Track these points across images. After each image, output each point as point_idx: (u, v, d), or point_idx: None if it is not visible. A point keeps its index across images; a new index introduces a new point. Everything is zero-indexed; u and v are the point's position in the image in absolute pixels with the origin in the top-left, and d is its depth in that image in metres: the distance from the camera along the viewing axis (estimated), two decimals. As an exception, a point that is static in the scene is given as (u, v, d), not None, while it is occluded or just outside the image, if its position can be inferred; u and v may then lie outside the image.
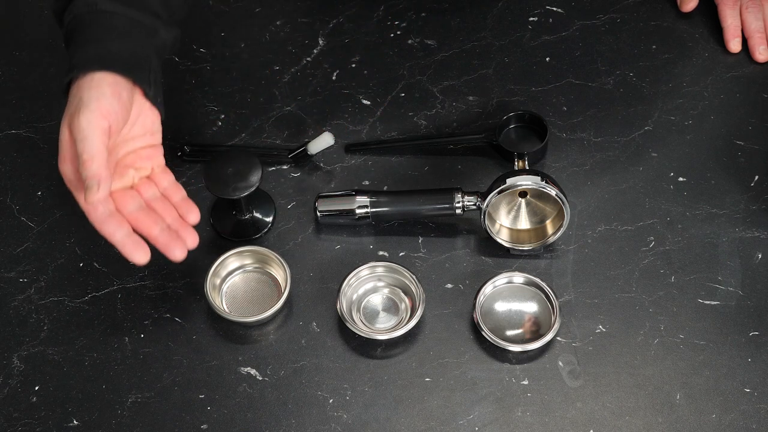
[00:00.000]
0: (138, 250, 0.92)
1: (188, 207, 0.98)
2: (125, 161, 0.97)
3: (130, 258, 0.92)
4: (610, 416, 0.99)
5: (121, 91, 0.93)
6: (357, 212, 1.07)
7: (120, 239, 0.92)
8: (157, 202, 0.98)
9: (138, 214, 0.95)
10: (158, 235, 0.95)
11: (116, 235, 0.92)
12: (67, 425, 0.99)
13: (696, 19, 1.23)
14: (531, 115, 1.13)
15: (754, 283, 1.05)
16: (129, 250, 0.92)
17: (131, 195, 0.96)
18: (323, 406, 0.99)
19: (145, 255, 0.92)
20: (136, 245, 0.92)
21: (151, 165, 0.99)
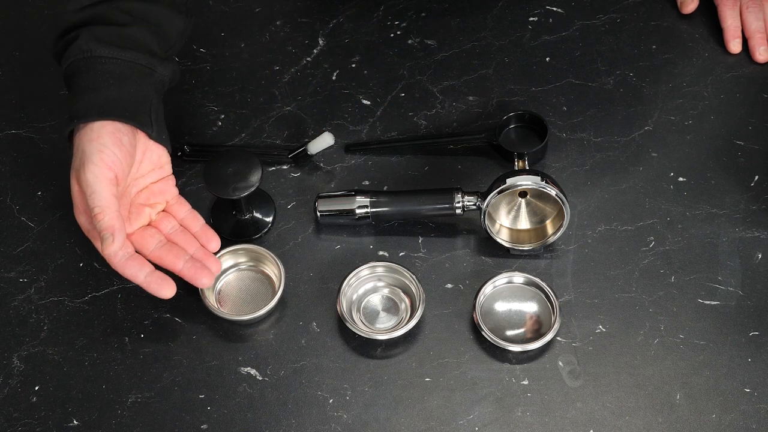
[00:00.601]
0: (163, 287, 0.95)
1: (208, 235, 1.01)
2: (139, 200, 0.99)
3: (158, 295, 0.95)
4: (610, 416, 0.99)
5: (122, 138, 0.94)
6: (357, 212, 1.07)
7: (144, 279, 0.95)
8: (177, 235, 1.00)
9: (160, 252, 0.98)
10: (183, 269, 0.98)
11: (139, 276, 0.95)
12: (67, 425, 0.99)
13: (696, 20, 1.23)
14: (531, 115, 1.13)
15: (754, 283, 1.05)
16: (154, 288, 0.95)
17: (150, 233, 0.98)
18: (323, 406, 0.99)
19: (171, 290, 0.95)
20: (160, 282, 0.95)
21: (165, 198, 1.01)
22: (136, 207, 0.99)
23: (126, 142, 0.95)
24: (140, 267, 0.95)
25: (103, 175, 0.92)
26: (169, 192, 1.01)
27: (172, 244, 0.99)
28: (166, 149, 1.00)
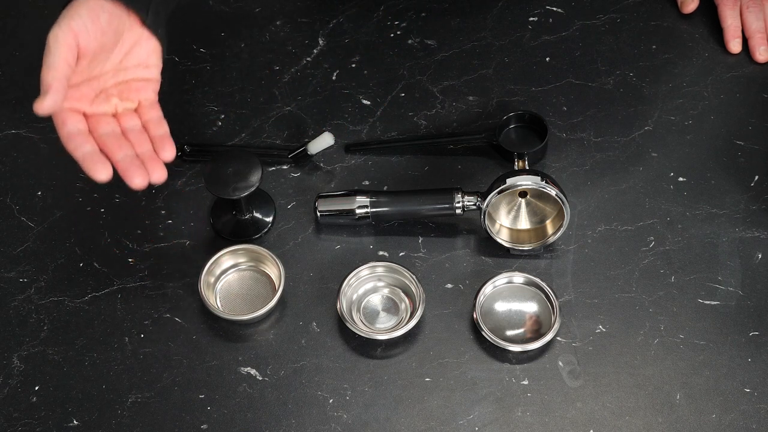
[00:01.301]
0: (99, 167, 0.89)
1: (165, 143, 0.96)
2: (112, 90, 0.96)
3: (91, 174, 0.90)
4: (610, 416, 0.99)
5: (101, 14, 0.91)
6: (357, 212, 1.07)
7: (82, 155, 0.90)
8: (133, 132, 0.95)
9: (107, 139, 0.93)
10: (120, 160, 0.92)
11: (79, 150, 0.90)
12: (67, 425, 0.99)
13: (696, 20, 1.23)
14: (531, 115, 1.13)
15: (754, 283, 1.05)
16: (89, 166, 0.90)
17: (107, 120, 0.94)
18: (323, 406, 0.99)
19: (106, 172, 0.89)
20: (97, 162, 0.90)
21: (139, 98, 0.97)
22: (106, 95, 0.95)
23: (104, 20, 0.92)
24: (84, 142, 0.91)
25: (64, 39, 0.89)
26: (146, 94, 0.97)
27: (121, 136, 0.94)
28: (159, 48, 0.97)
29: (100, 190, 1.11)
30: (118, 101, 0.96)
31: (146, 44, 0.96)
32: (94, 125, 0.93)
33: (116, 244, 1.08)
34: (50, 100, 0.88)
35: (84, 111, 0.93)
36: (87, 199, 1.11)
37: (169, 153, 0.95)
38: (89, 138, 0.91)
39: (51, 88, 0.88)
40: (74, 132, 0.91)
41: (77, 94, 0.93)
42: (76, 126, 0.91)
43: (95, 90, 0.94)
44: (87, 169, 0.90)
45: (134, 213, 1.10)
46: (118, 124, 0.95)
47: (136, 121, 0.96)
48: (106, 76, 0.95)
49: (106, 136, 0.93)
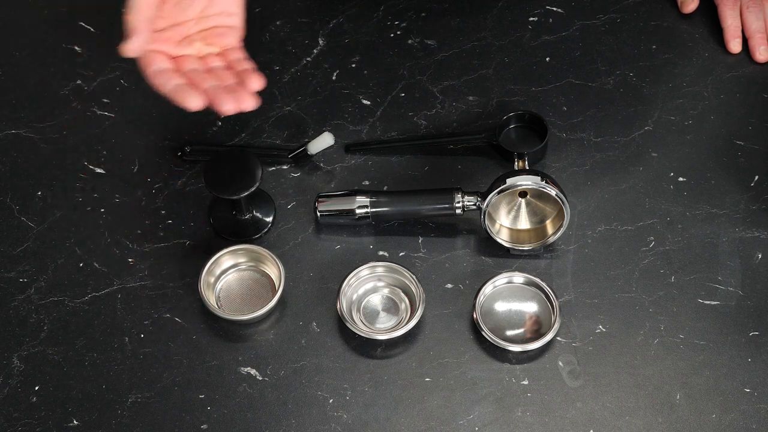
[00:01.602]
0: (190, 96, 0.92)
1: (251, 75, 0.96)
2: (195, 37, 0.98)
3: (183, 104, 0.92)
4: (610, 416, 0.99)
5: None
6: (357, 212, 1.07)
7: (171, 88, 0.92)
8: (218, 70, 0.97)
9: (193, 73, 0.95)
10: (207, 89, 0.93)
11: (168, 85, 0.93)
12: (67, 425, 0.99)
13: (696, 20, 1.23)
14: (531, 115, 1.13)
15: (754, 283, 1.05)
16: (180, 97, 0.92)
17: (191, 59, 0.97)
18: (323, 406, 0.99)
19: (197, 100, 0.91)
20: (187, 92, 0.92)
21: (222, 44, 0.99)
22: (189, 40, 0.97)
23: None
24: (170, 78, 0.93)
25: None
26: (228, 40, 0.99)
27: (207, 72, 0.96)
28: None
29: (100, 190, 1.11)
30: (202, 45, 0.98)
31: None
32: (179, 64, 0.96)
33: (116, 244, 1.08)
34: (136, 42, 0.90)
35: (169, 53, 0.95)
36: (87, 199, 1.11)
37: (257, 83, 0.96)
38: (177, 75, 0.94)
39: (136, 30, 0.90)
40: (161, 69, 0.93)
41: (162, 38, 0.95)
42: (162, 64, 0.94)
43: (179, 35, 0.97)
44: (178, 100, 0.92)
45: (134, 213, 1.10)
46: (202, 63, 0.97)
47: (220, 63, 0.98)
48: (190, 23, 0.97)
49: (192, 71, 0.95)
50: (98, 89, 1.18)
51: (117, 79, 1.18)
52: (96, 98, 1.17)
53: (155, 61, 0.94)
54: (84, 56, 1.20)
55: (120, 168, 1.13)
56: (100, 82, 1.18)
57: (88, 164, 1.13)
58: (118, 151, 1.14)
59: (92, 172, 1.13)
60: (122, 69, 1.19)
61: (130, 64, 1.19)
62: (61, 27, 1.22)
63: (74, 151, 1.14)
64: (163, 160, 1.13)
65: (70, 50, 1.21)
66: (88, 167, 1.13)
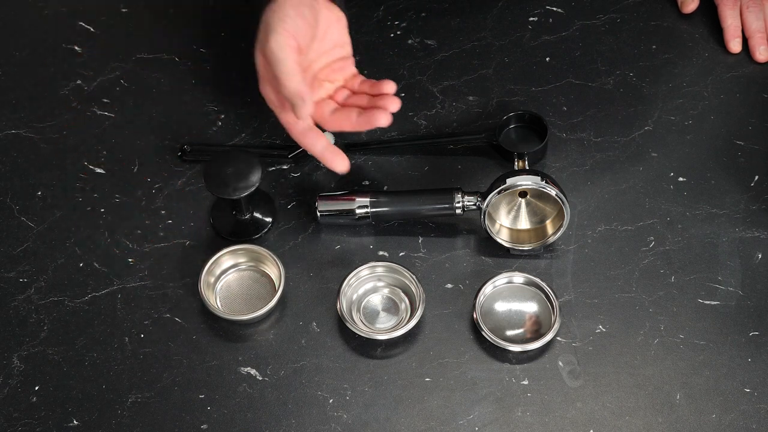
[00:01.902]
0: (338, 159, 0.98)
1: (380, 83, 1.02)
2: (320, 75, 1.02)
3: (332, 167, 0.99)
4: (610, 416, 0.99)
5: (303, 9, 0.97)
6: (357, 212, 1.07)
7: (320, 150, 0.99)
8: (349, 99, 1.03)
9: (336, 114, 1.01)
10: (358, 119, 1.00)
11: (316, 147, 0.99)
12: (67, 425, 0.99)
13: (696, 19, 1.23)
14: (531, 115, 1.13)
15: (754, 283, 1.05)
16: (329, 159, 0.99)
17: (326, 103, 1.02)
18: (323, 406, 0.99)
19: (344, 163, 0.99)
20: (335, 154, 0.99)
21: (343, 76, 1.04)
22: (318, 81, 1.02)
23: (307, 14, 0.97)
24: (318, 138, 0.99)
25: (287, 43, 0.95)
26: (348, 70, 1.04)
27: (345, 106, 1.02)
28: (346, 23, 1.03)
29: (100, 190, 1.11)
30: (329, 84, 1.03)
31: (336, 25, 1.02)
32: (319, 113, 1.01)
33: (116, 244, 1.08)
34: (309, 106, 0.95)
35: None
36: (87, 199, 1.11)
37: (390, 85, 1.02)
38: (320, 133, 0.99)
39: (304, 94, 0.94)
40: (306, 129, 0.98)
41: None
42: (307, 122, 0.99)
43: (309, 81, 1.01)
44: (326, 162, 0.99)
45: (134, 213, 1.10)
46: (335, 101, 1.03)
47: (347, 93, 1.04)
48: (314, 63, 1.02)
49: (333, 113, 1.01)
50: (98, 89, 1.18)
51: (117, 79, 1.18)
52: (96, 98, 1.17)
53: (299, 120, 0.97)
54: (84, 56, 1.20)
55: (120, 168, 1.13)
56: (100, 82, 1.18)
57: (88, 164, 1.13)
58: (118, 151, 1.14)
59: (92, 172, 1.13)
60: (122, 69, 1.19)
61: (130, 63, 1.19)
62: (61, 27, 1.22)
63: (74, 151, 1.14)
64: (163, 160, 1.13)
65: (70, 50, 1.21)
66: (88, 167, 1.13)
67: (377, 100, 1.01)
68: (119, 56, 1.20)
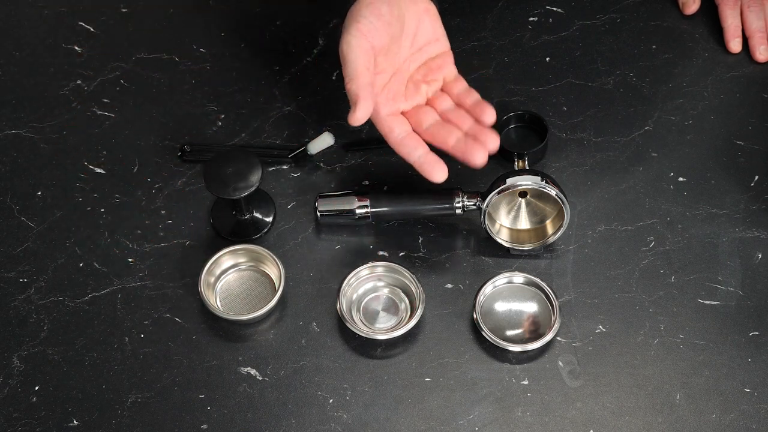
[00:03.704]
0: (436, 169, 0.95)
1: (483, 108, 0.99)
2: (416, 76, 0.99)
3: (429, 176, 0.96)
4: (610, 416, 0.99)
5: (381, 6, 0.94)
6: (357, 212, 1.07)
7: (416, 159, 0.95)
8: (451, 112, 0.99)
9: (434, 129, 0.97)
10: (455, 145, 0.96)
11: (413, 155, 0.95)
12: (67, 425, 0.99)
13: (696, 19, 1.23)
14: (531, 115, 1.13)
15: (754, 283, 1.05)
16: (427, 170, 0.95)
17: (425, 111, 0.98)
18: (323, 406, 0.99)
19: (443, 172, 0.96)
20: (433, 164, 0.95)
21: (443, 75, 1.00)
22: (414, 83, 0.99)
23: (385, 11, 0.94)
24: (415, 146, 0.96)
25: (357, 44, 0.93)
26: (447, 69, 1.01)
27: (445, 122, 0.98)
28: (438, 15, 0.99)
29: (100, 190, 1.11)
30: (426, 86, 1.00)
31: (426, 18, 0.99)
32: (416, 121, 0.98)
33: (116, 244, 1.08)
34: (361, 110, 0.92)
35: (402, 110, 0.97)
36: (87, 199, 1.11)
37: (491, 116, 0.99)
38: (418, 140, 0.96)
39: (360, 98, 0.92)
40: (403, 136, 0.96)
41: (391, 94, 0.97)
42: (402, 129, 0.96)
43: (403, 82, 0.98)
44: (424, 172, 0.96)
45: (134, 213, 1.10)
46: (435, 111, 0.99)
47: (449, 101, 1.00)
48: (406, 64, 0.98)
49: (432, 127, 0.97)
50: (98, 89, 1.18)
51: (117, 79, 1.18)
52: (96, 98, 1.17)
53: (394, 126, 0.95)
54: (84, 56, 1.20)
55: (120, 168, 1.13)
56: (100, 82, 1.18)
57: (88, 164, 1.13)
58: (118, 151, 1.14)
59: (92, 172, 1.13)
60: (122, 69, 1.19)
61: (130, 64, 1.19)
62: (61, 27, 1.22)
63: (74, 151, 1.14)
64: (163, 160, 1.13)
65: (70, 50, 1.21)
66: (88, 167, 1.13)
67: (479, 131, 0.97)
68: (119, 56, 1.20)
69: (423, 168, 0.95)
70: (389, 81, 0.97)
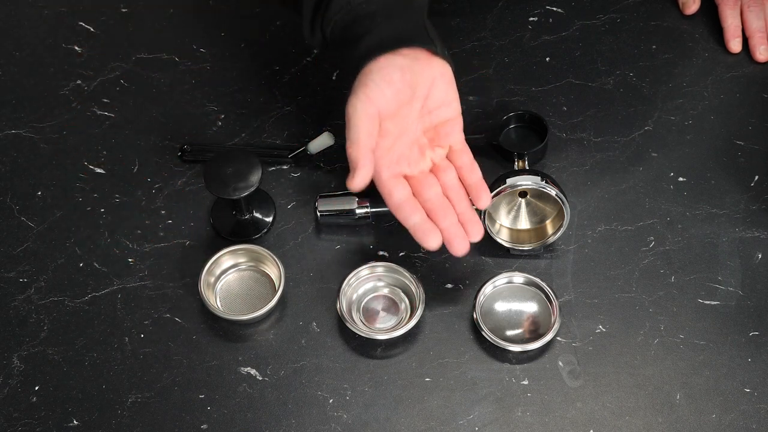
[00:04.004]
0: (430, 236, 0.95)
1: (480, 191, 0.99)
2: (422, 140, 0.98)
3: (422, 243, 0.95)
4: (610, 416, 0.99)
5: (393, 72, 0.92)
6: (357, 212, 1.07)
7: (413, 224, 0.95)
8: (451, 189, 0.99)
9: (433, 204, 0.97)
10: (446, 228, 0.96)
11: (410, 220, 0.95)
12: (67, 425, 0.99)
13: (696, 19, 1.23)
14: (531, 115, 1.13)
15: (754, 283, 1.05)
16: (421, 236, 0.95)
17: (429, 182, 0.98)
18: (323, 406, 0.99)
19: (437, 240, 0.95)
20: (428, 231, 0.95)
21: (449, 142, 0.99)
22: (420, 147, 0.98)
23: (397, 78, 0.92)
24: (413, 211, 0.95)
25: (363, 109, 0.92)
26: (455, 136, 0.99)
27: (444, 199, 0.98)
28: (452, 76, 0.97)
29: (100, 190, 1.11)
30: (431, 152, 0.99)
31: (441, 82, 0.96)
32: (418, 189, 0.97)
33: (116, 244, 1.08)
34: (360, 176, 0.92)
35: (405, 174, 0.96)
36: (87, 199, 1.11)
37: (485, 200, 0.99)
38: (417, 206, 0.96)
39: (359, 165, 0.92)
40: (402, 201, 0.95)
41: (395, 157, 0.96)
42: (402, 193, 0.95)
43: (408, 145, 0.97)
44: (419, 238, 0.95)
45: (134, 213, 1.10)
46: (438, 181, 0.98)
47: (453, 173, 0.99)
48: (414, 126, 0.97)
49: (431, 201, 0.97)
50: (98, 89, 1.18)
51: (117, 79, 1.18)
52: (96, 98, 1.17)
53: (395, 190, 0.95)
54: (84, 56, 1.20)
55: (120, 168, 1.13)
56: (100, 82, 1.18)
57: (88, 164, 1.13)
58: (118, 151, 1.14)
59: (92, 172, 1.13)
60: (122, 69, 1.19)
61: (130, 64, 1.19)
62: (61, 27, 1.22)
63: (74, 151, 1.14)
64: (163, 160, 1.13)
65: (70, 50, 1.21)
66: (88, 167, 1.13)
67: (468, 220, 0.97)
68: (119, 56, 1.20)
69: (417, 234, 0.95)
70: (394, 144, 0.96)
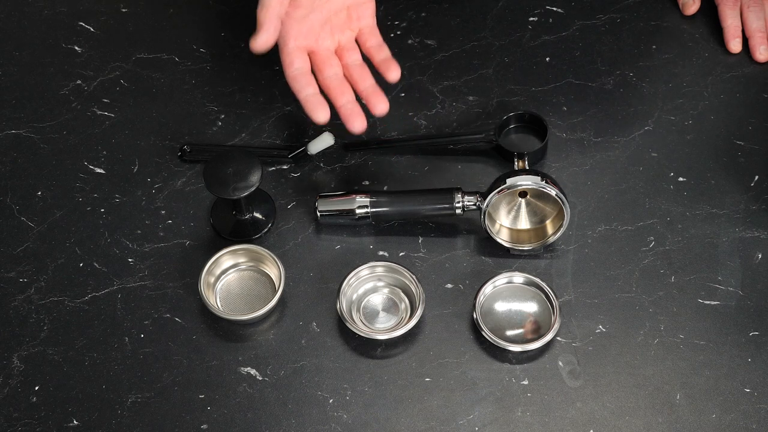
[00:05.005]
0: (319, 109, 0.97)
1: (389, 65, 1.01)
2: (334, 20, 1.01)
3: (311, 115, 0.98)
4: (610, 416, 0.99)
5: None
6: (357, 212, 1.07)
7: (304, 96, 0.98)
8: (355, 68, 1.01)
9: (331, 82, 0.99)
10: (342, 106, 0.99)
11: (303, 92, 0.98)
12: (67, 425, 0.99)
13: (696, 19, 1.23)
14: (531, 115, 1.13)
15: (754, 283, 1.05)
16: (311, 108, 0.97)
17: (331, 62, 1.00)
18: (323, 406, 0.99)
19: (325, 114, 0.97)
20: (317, 105, 0.97)
21: (359, 26, 1.02)
22: (330, 27, 1.01)
23: None
24: (307, 84, 0.98)
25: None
26: (365, 20, 1.02)
27: (342, 79, 1.00)
28: None
29: (100, 190, 1.11)
30: (339, 34, 1.01)
31: None
32: (319, 66, 1.00)
33: (116, 244, 1.08)
34: (262, 37, 0.96)
35: (311, 48, 0.99)
36: (87, 199, 1.11)
37: (395, 73, 1.01)
38: (312, 80, 0.98)
39: (263, 28, 0.95)
40: (299, 73, 0.98)
41: (305, 29, 0.99)
42: (302, 66, 0.98)
43: (320, 22, 1.00)
44: (308, 110, 0.98)
45: (134, 213, 1.10)
46: (340, 63, 1.01)
47: (357, 55, 1.02)
48: (327, 4, 1.00)
49: (330, 79, 0.99)
50: (98, 89, 1.18)
51: (117, 79, 1.18)
52: (96, 98, 1.17)
53: (296, 61, 0.98)
54: (84, 56, 1.20)
55: (120, 168, 1.13)
56: (100, 82, 1.18)
57: (88, 164, 1.13)
58: (118, 151, 1.14)
59: (92, 172, 1.13)
60: (122, 69, 1.19)
61: (130, 64, 1.19)
62: (61, 27, 1.22)
63: (74, 151, 1.14)
64: (163, 160, 1.13)
65: (70, 50, 1.21)
66: (88, 167, 1.13)
67: (371, 94, 0.99)
68: (119, 56, 1.20)
69: (307, 107, 0.98)
70: (306, 17, 0.99)
